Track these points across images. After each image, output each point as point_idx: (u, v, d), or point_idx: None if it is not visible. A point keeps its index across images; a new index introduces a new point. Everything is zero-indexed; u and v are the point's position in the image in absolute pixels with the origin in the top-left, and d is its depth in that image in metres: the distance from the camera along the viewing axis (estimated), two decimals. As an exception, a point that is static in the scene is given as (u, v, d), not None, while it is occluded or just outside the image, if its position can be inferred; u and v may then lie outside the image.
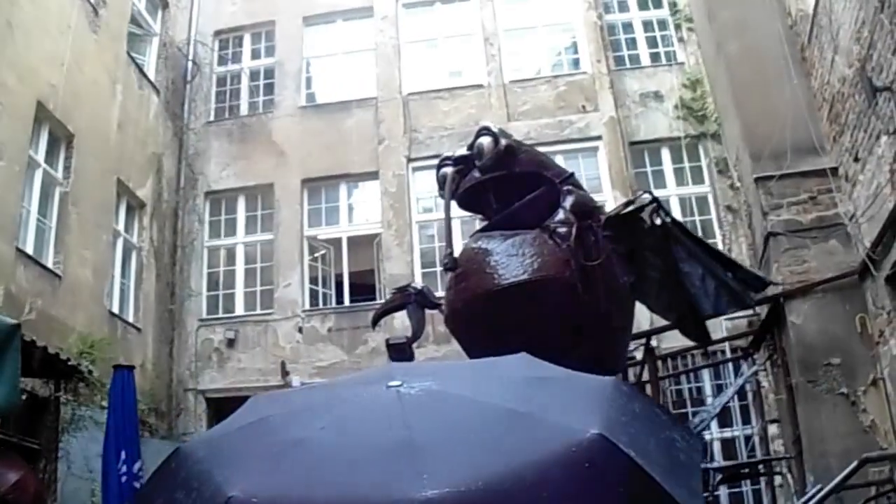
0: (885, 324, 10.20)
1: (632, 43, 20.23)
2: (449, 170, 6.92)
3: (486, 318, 6.28)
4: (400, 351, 16.93)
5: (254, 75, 20.86)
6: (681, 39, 19.65)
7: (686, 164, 18.12)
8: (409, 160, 19.09)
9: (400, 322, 16.24)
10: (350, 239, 18.96)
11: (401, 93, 19.65)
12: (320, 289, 18.78)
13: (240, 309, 18.64)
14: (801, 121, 11.74)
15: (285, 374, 17.41)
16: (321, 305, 18.64)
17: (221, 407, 17.38)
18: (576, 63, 19.78)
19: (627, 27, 20.45)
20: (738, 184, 13.71)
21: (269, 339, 17.98)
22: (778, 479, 13.05)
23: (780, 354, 12.03)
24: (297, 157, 19.39)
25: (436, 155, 18.56)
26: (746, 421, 15.52)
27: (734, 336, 14.39)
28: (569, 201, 6.66)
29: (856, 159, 10.62)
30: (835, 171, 11.52)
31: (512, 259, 6.34)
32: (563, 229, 6.40)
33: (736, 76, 13.12)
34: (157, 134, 18.70)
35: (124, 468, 10.22)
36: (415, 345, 16.54)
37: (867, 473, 8.88)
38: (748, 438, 15.09)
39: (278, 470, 3.12)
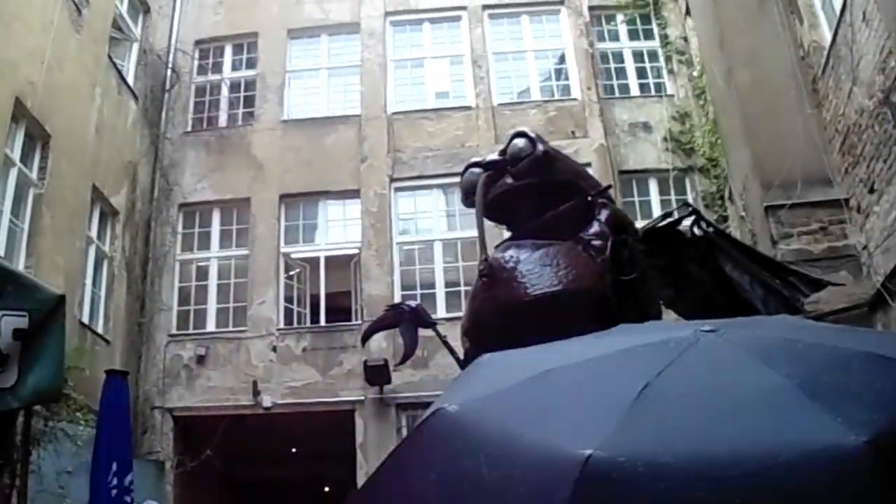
0: None
1: (621, 72, 20.19)
2: (477, 172, 6.52)
3: (514, 328, 5.86)
4: (378, 373, 16.69)
5: (234, 87, 20.37)
6: (671, 71, 19.68)
7: (673, 196, 17.91)
8: (392, 180, 18.71)
9: (377, 344, 15.98)
10: (328, 258, 18.48)
11: (385, 111, 19.28)
12: (295, 307, 18.25)
13: (211, 325, 18.03)
14: (812, 151, 11.74)
15: (256, 393, 16.85)
16: (296, 324, 18.10)
17: (189, 426, 16.86)
18: (566, 89, 19.57)
19: (617, 56, 20.41)
20: (742, 213, 13.53)
21: (242, 357, 17.42)
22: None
23: None
24: (275, 171, 18.91)
25: (419, 175, 18.72)
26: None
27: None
28: (604, 214, 6.34)
29: (871, 190, 10.54)
30: (846, 202, 11.42)
31: (545, 269, 5.97)
32: (597, 242, 6.09)
33: (747, 104, 12.95)
34: (133, 142, 18.14)
35: (115, 481, 9.50)
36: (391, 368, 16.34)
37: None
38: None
39: (634, 425, 2.56)
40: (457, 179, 18.24)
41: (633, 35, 20.51)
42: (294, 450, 21.44)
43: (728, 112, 14.20)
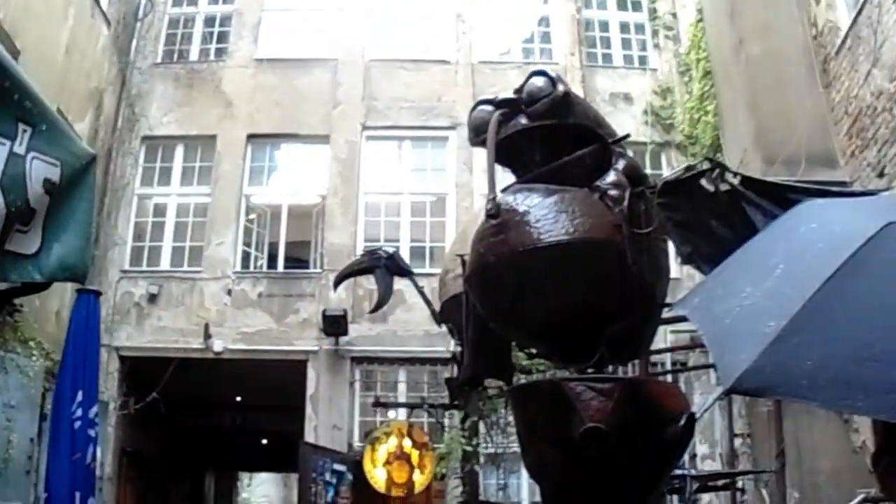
0: None
1: (606, 42, 19.94)
2: (489, 110, 6.11)
3: (524, 274, 5.51)
4: (335, 324, 16.34)
5: (209, 21, 19.68)
6: (656, 45, 19.51)
7: (648, 171, 17.62)
8: (365, 128, 18.24)
9: (336, 294, 15.57)
10: (291, 204, 18.05)
11: (363, 57, 18.77)
12: (253, 251, 17.79)
13: (166, 264, 17.50)
14: (818, 131, 11.67)
15: (208, 337, 16.38)
16: (253, 269, 17.66)
17: (137, 366, 16.35)
18: (548, 53, 19.24)
19: (603, 25, 20.10)
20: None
21: (195, 298, 16.91)
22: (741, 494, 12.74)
23: None
24: (244, 110, 18.34)
25: (392, 126, 18.26)
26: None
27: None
28: (621, 163, 5.97)
29: (880, 175, 10.45)
30: (850, 185, 11.27)
31: (561, 216, 5.56)
32: (614, 192, 5.70)
33: (756, 78, 12.85)
34: (101, 68, 17.44)
35: (79, 412, 8.65)
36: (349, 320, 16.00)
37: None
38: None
39: None
40: (431, 133, 18.29)
41: (621, 5, 20.21)
42: (238, 398, 21.07)
43: (732, 84, 14.14)
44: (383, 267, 7.88)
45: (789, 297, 2.66)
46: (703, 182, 6.13)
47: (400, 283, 9.80)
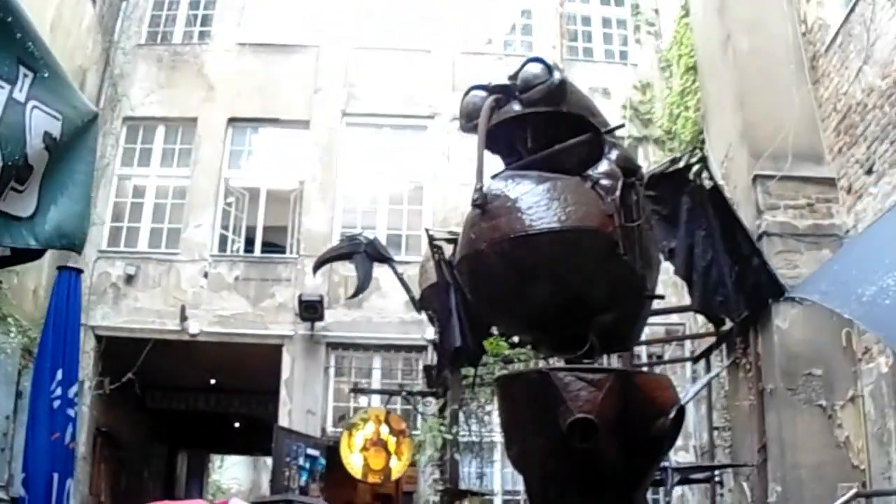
0: (874, 341, 10.12)
1: (587, 36, 20.10)
2: (482, 95, 6.13)
3: (515, 262, 5.52)
4: (311, 309, 16.42)
5: (193, 4, 19.65)
6: (637, 41, 19.61)
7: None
8: (344, 114, 18.34)
9: (312, 280, 15.70)
10: (270, 188, 18.15)
11: (345, 45, 18.84)
12: (231, 235, 17.86)
13: (143, 245, 17.51)
14: (805, 127, 11.84)
15: (184, 318, 16.41)
16: (230, 252, 17.74)
17: (112, 346, 16.35)
18: (529, 45, 19.29)
19: (586, 20, 20.22)
20: (721, 181, 13.54)
21: (171, 280, 16.97)
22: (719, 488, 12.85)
23: (752, 358, 11.69)
24: (226, 94, 18.38)
25: (373, 113, 18.35)
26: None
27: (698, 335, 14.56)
28: (614, 153, 6.00)
29: (869, 172, 10.60)
30: (836, 181, 11.60)
31: (553, 203, 5.55)
32: (606, 182, 5.70)
33: (743, 72, 12.91)
34: (86, 47, 17.41)
35: (59, 391, 8.52)
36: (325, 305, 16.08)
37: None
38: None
39: None
40: (410, 122, 18.35)
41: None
42: (213, 381, 21.14)
43: (718, 79, 14.19)
44: (363, 253, 7.93)
45: None
46: (690, 175, 6.18)
47: (376, 270, 9.92)
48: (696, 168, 6.07)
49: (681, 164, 6.27)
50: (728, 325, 10.78)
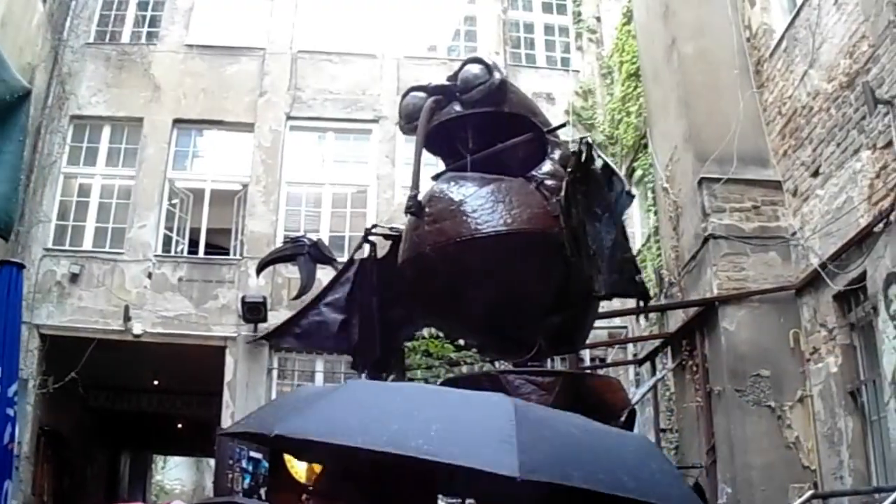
0: (822, 341, 10.36)
1: (530, 43, 20.49)
2: (421, 96, 6.17)
3: (459, 266, 5.59)
4: (255, 311, 16.49)
5: (142, 5, 19.76)
6: (579, 48, 19.99)
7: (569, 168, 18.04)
8: (289, 118, 18.51)
9: (256, 282, 15.83)
10: (214, 190, 18.23)
11: (291, 48, 19.04)
12: (175, 236, 17.94)
13: (88, 244, 17.54)
14: (750, 130, 11.99)
15: (128, 319, 16.46)
16: (174, 253, 17.82)
17: (56, 345, 16.34)
18: (472, 51, 19.44)
19: (528, 27, 20.63)
20: (665, 184, 13.68)
21: (116, 280, 16.98)
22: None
23: (699, 360, 11.91)
24: (172, 95, 18.49)
25: (317, 117, 18.51)
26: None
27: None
28: (557, 153, 6.05)
29: (815, 174, 10.80)
30: (781, 184, 11.79)
31: (498, 206, 5.60)
32: (551, 182, 5.73)
33: (688, 77, 13.06)
34: (35, 44, 17.40)
35: None
36: (269, 308, 16.16)
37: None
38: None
39: None
40: (354, 126, 18.49)
41: (546, 7, 20.81)
42: (156, 382, 21.14)
43: (662, 84, 14.29)
44: (307, 255, 7.86)
45: None
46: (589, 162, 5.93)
47: (320, 272, 10.03)
48: (584, 155, 5.81)
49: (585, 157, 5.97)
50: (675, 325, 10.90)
